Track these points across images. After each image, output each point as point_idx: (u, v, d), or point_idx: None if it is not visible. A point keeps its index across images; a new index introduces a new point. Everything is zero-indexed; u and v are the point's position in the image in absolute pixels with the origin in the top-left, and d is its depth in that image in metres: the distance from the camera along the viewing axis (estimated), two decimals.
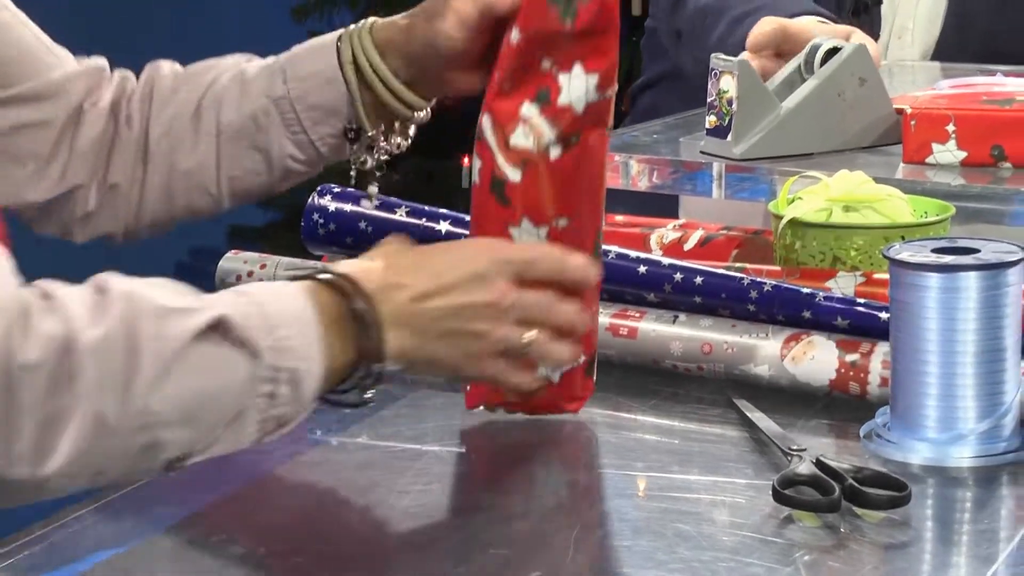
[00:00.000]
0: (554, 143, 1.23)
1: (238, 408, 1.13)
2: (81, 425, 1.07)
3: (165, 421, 1.10)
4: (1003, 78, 1.84)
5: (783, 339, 1.34)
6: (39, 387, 1.06)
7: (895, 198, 1.47)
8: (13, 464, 1.07)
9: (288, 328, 1.15)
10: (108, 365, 1.07)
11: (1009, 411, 1.22)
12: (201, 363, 1.12)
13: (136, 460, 1.11)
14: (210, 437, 1.13)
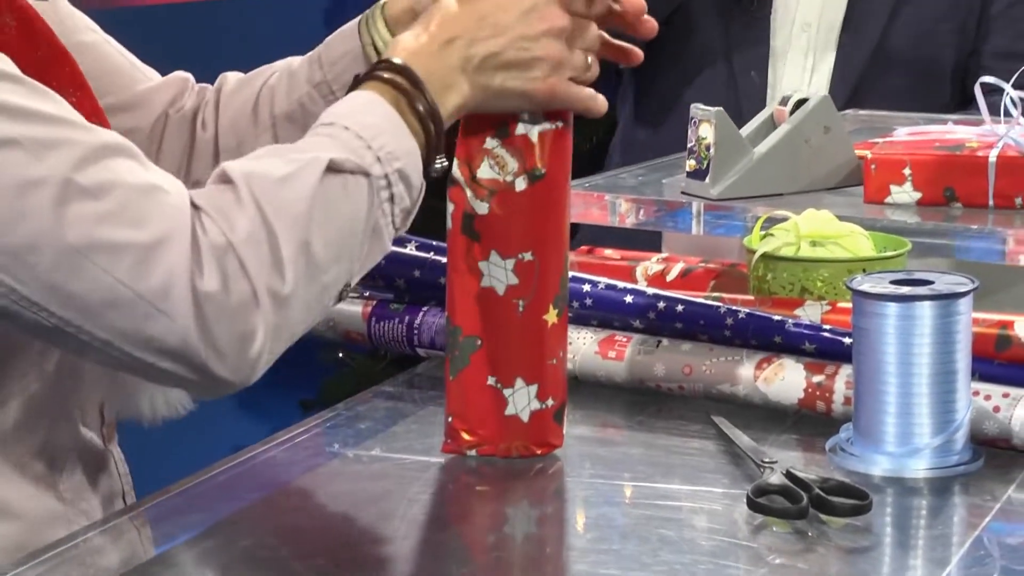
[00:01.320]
0: (519, 175, 1.22)
1: (372, 223, 1.17)
2: (264, 304, 1.10)
3: (324, 268, 1.14)
4: (953, 126, 1.84)
5: (756, 362, 1.34)
6: (220, 303, 1.08)
7: (857, 234, 1.47)
8: (225, 361, 1.10)
9: (382, 136, 1.18)
10: (260, 248, 1.10)
11: (960, 427, 1.22)
12: (329, 207, 1.14)
13: (315, 310, 1.16)
14: (361, 257, 1.17)
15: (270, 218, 1.11)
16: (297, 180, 1.14)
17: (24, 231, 1.08)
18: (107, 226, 1.08)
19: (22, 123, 1.10)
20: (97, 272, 1.08)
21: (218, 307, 1.09)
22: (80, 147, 1.10)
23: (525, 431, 1.24)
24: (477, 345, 1.23)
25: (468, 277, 1.23)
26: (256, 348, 1.10)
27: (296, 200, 1.13)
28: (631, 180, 1.83)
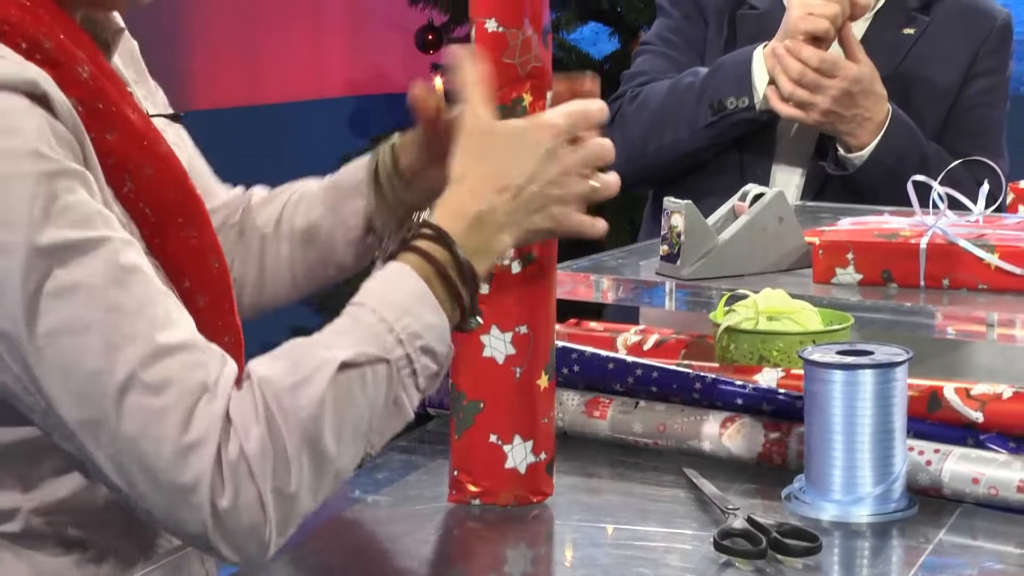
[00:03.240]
0: (514, 260, 1.21)
1: (392, 400, 1.12)
2: (269, 505, 1.06)
3: (334, 459, 1.09)
4: (889, 217, 1.84)
5: (721, 420, 1.33)
6: (232, 515, 1.06)
7: (808, 310, 1.46)
8: (237, 552, 1.08)
9: (406, 316, 1.12)
10: (266, 457, 1.06)
11: (898, 479, 1.21)
12: (340, 404, 1.09)
13: (327, 491, 1.10)
14: (380, 431, 1.12)
15: (279, 425, 1.08)
16: (307, 386, 1.09)
17: (87, 413, 1.08)
18: (158, 422, 1.06)
19: (102, 311, 1.09)
20: (145, 457, 1.07)
21: (231, 518, 1.06)
22: (150, 345, 1.08)
23: (522, 482, 1.23)
24: (480, 407, 1.22)
25: (471, 348, 1.22)
26: (265, 538, 1.07)
27: (305, 406, 1.08)
28: (612, 262, 1.83)
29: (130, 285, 1.10)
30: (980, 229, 1.70)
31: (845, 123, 2.23)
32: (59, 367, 1.07)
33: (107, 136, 1.18)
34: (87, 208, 1.11)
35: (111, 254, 1.10)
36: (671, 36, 2.46)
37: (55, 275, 1.08)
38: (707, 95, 2.28)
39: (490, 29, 1.19)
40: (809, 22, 2.20)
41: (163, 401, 1.07)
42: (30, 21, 1.16)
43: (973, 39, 2.39)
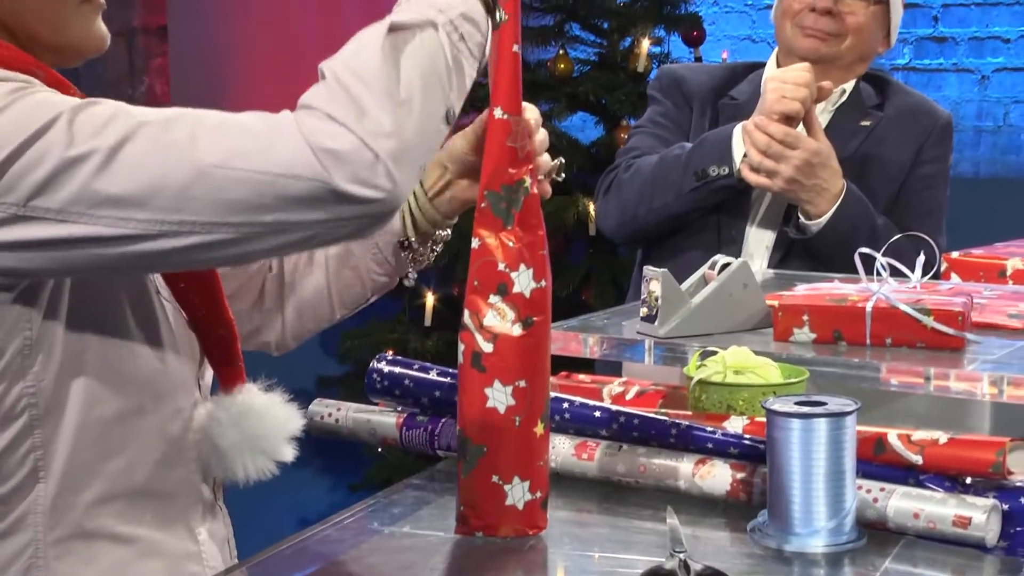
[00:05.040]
0: (516, 323, 1.21)
1: (453, 57, 1.14)
2: (371, 141, 1.07)
3: (415, 100, 1.10)
4: (839, 284, 1.85)
5: (694, 462, 1.33)
6: (335, 152, 1.07)
7: (769, 365, 1.46)
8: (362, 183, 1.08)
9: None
10: (351, 111, 1.08)
11: (849, 514, 1.21)
12: (400, 56, 1.11)
13: (427, 132, 1.12)
14: (452, 86, 1.14)
15: (352, 86, 1.09)
16: (364, 49, 1.12)
17: (177, 177, 1.08)
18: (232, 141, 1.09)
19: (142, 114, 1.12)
20: (240, 175, 1.08)
21: (340, 159, 1.07)
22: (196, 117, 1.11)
23: (520, 517, 1.23)
24: (483, 451, 1.22)
25: (476, 399, 1.22)
26: (384, 170, 1.08)
27: (368, 63, 1.10)
28: (599, 322, 1.84)
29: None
30: (918, 294, 1.70)
31: (805, 192, 2.25)
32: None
33: None
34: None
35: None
36: (661, 120, 2.49)
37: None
38: (692, 165, 2.31)
39: (497, 116, 1.20)
40: (782, 104, 2.23)
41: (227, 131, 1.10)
42: (20, 58, 1.18)
43: (919, 133, 2.42)
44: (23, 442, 1.20)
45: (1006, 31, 4.85)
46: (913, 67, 5.01)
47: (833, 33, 2.39)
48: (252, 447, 1.31)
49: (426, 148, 1.13)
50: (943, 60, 4.97)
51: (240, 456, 1.32)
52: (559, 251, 4.03)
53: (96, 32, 1.28)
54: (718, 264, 1.75)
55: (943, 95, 4.90)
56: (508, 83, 1.20)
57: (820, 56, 2.37)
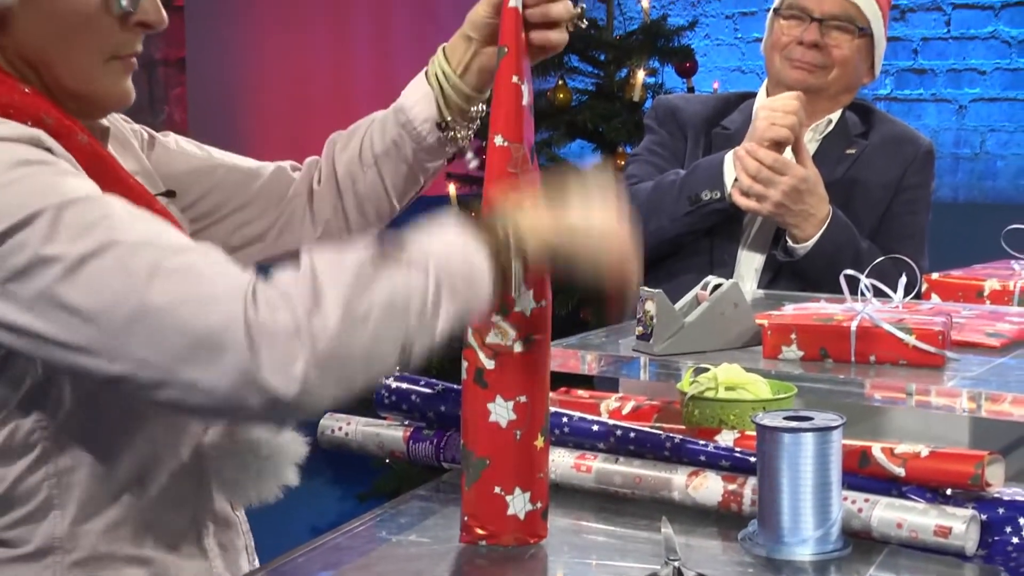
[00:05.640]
0: (517, 341, 1.21)
1: (432, 302, 1.08)
2: (304, 334, 1.03)
3: (366, 317, 1.04)
4: (825, 304, 1.85)
5: (687, 474, 1.33)
6: (266, 328, 1.02)
7: (759, 381, 1.46)
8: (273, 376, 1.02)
9: (449, 254, 1.10)
10: (303, 299, 1.04)
11: (835, 523, 1.21)
12: (382, 280, 1.06)
13: (369, 355, 1.05)
14: (417, 326, 1.07)
15: (317, 271, 1.05)
16: (350, 255, 1.07)
17: (126, 306, 1.06)
18: (189, 288, 1.06)
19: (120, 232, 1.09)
20: (177, 323, 1.05)
21: (265, 332, 1.03)
22: (165, 250, 1.08)
23: (521, 526, 1.23)
24: (486, 464, 1.22)
25: (479, 413, 1.22)
26: (299, 367, 1.02)
27: (346, 264, 1.06)
28: (597, 340, 1.83)
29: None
30: (900, 314, 1.70)
31: (793, 216, 2.26)
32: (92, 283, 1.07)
33: (106, 192, 1.18)
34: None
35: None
36: (657, 149, 2.49)
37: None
38: (686, 189, 2.31)
39: (498, 143, 1.20)
40: (772, 131, 2.23)
41: (185, 280, 1.06)
42: (31, 104, 1.18)
43: (902, 160, 2.43)
44: (37, 470, 1.20)
45: (982, 63, 4.86)
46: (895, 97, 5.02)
47: (820, 65, 2.40)
48: (259, 473, 1.31)
49: (363, 371, 1.06)
50: (923, 91, 4.98)
51: (247, 481, 1.32)
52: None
53: (121, 89, 1.26)
54: (710, 285, 1.75)
55: (923, 124, 4.90)
56: (507, 112, 1.20)
57: (808, 87, 2.37)
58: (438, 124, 1.50)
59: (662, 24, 4.41)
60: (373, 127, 1.54)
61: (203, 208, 1.51)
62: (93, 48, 1.22)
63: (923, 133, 2.56)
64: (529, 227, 1.14)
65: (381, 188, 1.54)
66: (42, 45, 1.21)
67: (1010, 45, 4.82)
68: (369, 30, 4.57)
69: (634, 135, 4.19)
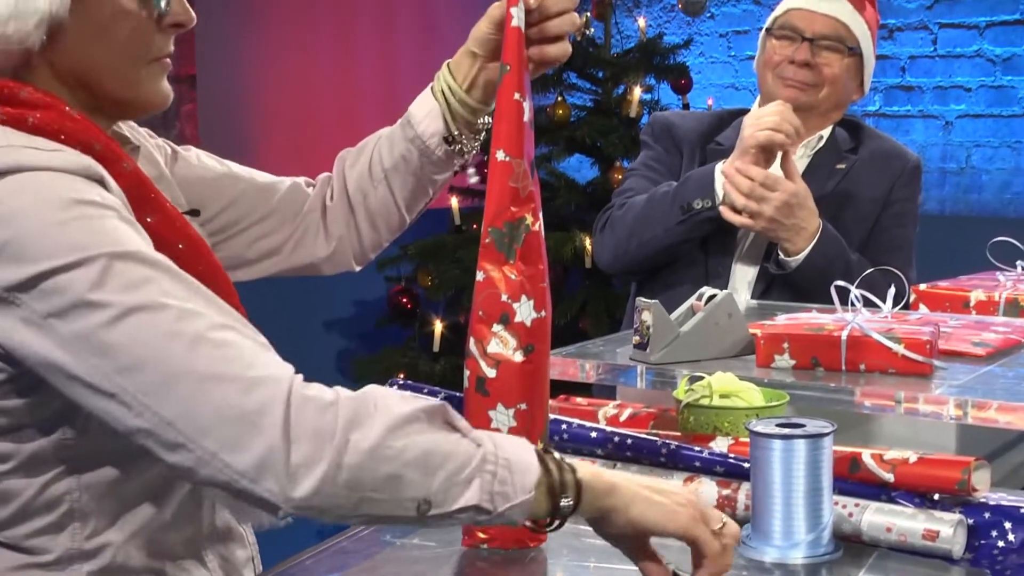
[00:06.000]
0: (517, 350, 1.20)
1: (468, 476, 1.03)
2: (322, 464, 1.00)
3: (411, 462, 1.01)
4: (816, 314, 1.85)
5: (683, 479, 1.33)
6: (301, 446, 1.00)
7: (752, 389, 1.46)
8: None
9: (504, 440, 1.07)
10: (353, 408, 1.02)
11: (826, 527, 1.21)
12: (431, 432, 1.03)
13: (388, 497, 1.01)
14: (442, 489, 1.02)
15: (378, 399, 1.03)
16: (412, 400, 1.04)
17: (166, 367, 1.04)
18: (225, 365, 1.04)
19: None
20: (213, 398, 1.03)
21: (303, 425, 1.01)
22: (212, 320, 1.07)
23: (521, 530, 1.22)
24: None
25: (480, 421, 1.21)
26: (319, 471, 1.00)
27: (405, 405, 1.03)
28: (595, 349, 1.83)
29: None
30: (889, 324, 1.70)
31: (785, 231, 2.26)
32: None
33: (148, 219, 1.19)
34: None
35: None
36: (653, 164, 2.50)
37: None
38: (678, 199, 2.31)
39: (500, 158, 1.21)
40: (754, 137, 2.24)
41: (228, 353, 1.04)
42: (82, 130, 1.18)
43: (890, 175, 2.43)
44: (59, 482, 1.20)
45: (967, 80, 4.87)
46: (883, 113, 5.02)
47: (811, 83, 2.41)
48: None
49: (372, 503, 1.02)
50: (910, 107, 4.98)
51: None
52: (558, 283, 4.03)
53: (163, 89, 1.28)
54: (705, 296, 1.76)
55: (911, 139, 4.91)
56: (509, 128, 1.20)
57: (799, 104, 2.38)
58: (445, 138, 1.50)
59: (658, 42, 4.42)
60: (381, 143, 1.55)
61: (223, 221, 1.52)
62: (137, 53, 1.24)
63: (911, 148, 2.57)
64: (592, 480, 1.08)
65: (392, 202, 1.55)
66: (92, 56, 1.22)
67: (994, 63, 4.82)
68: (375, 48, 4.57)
69: (631, 150, 4.19)
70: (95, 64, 1.22)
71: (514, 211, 1.21)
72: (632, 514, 1.08)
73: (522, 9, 1.23)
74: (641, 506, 1.07)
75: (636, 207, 2.37)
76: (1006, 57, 4.81)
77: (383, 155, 1.54)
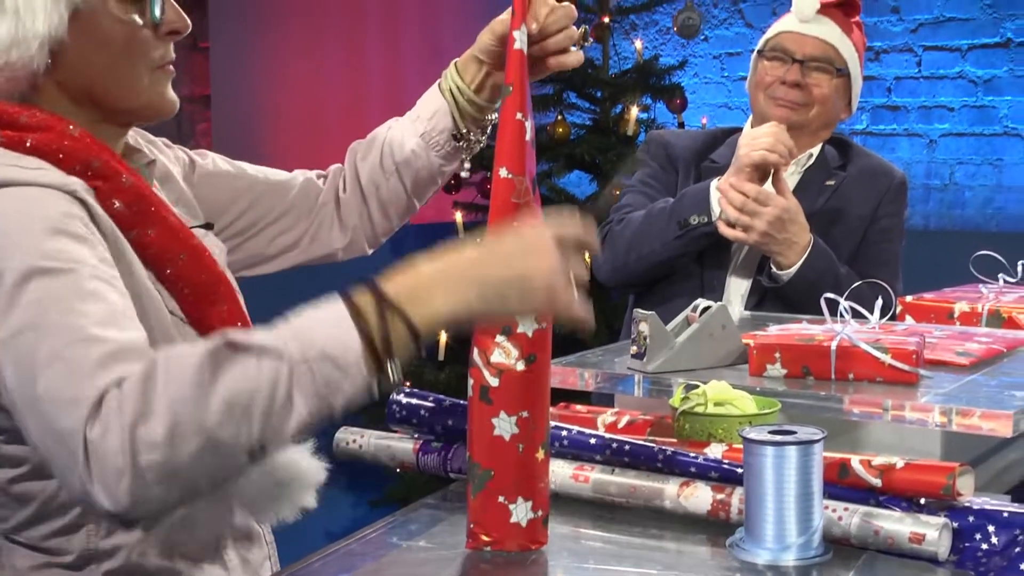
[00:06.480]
0: (519, 360, 1.20)
1: (283, 394, 0.96)
2: (128, 449, 0.94)
3: (203, 420, 0.94)
4: (807, 324, 1.84)
5: (678, 484, 1.32)
6: (97, 448, 0.95)
7: (745, 398, 1.46)
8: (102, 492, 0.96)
9: (312, 329, 0.98)
10: (135, 403, 0.95)
11: (816, 531, 1.20)
12: (224, 377, 0.95)
13: (207, 461, 0.95)
14: (266, 423, 0.95)
15: (154, 377, 0.96)
16: (193, 354, 0.97)
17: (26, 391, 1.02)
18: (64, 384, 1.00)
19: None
20: (47, 410, 1.00)
21: (96, 449, 0.96)
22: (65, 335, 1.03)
23: (523, 533, 1.22)
24: (491, 475, 1.22)
25: (484, 428, 1.21)
26: (126, 484, 0.95)
27: (184, 365, 0.96)
28: (594, 358, 1.83)
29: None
30: (876, 334, 1.70)
31: (777, 244, 2.26)
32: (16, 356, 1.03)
33: (148, 232, 1.19)
34: (74, 253, 1.07)
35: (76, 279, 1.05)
36: (650, 180, 2.50)
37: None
38: (675, 215, 2.32)
39: (502, 175, 1.20)
40: (750, 156, 2.24)
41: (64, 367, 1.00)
42: (80, 148, 1.19)
43: (877, 191, 2.43)
44: None
45: (951, 101, 4.87)
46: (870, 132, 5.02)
47: (801, 103, 2.41)
48: (278, 495, 1.30)
49: (207, 474, 0.96)
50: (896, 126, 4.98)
51: (266, 503, 1.31)
52: None
53: (169, 97, 1.29)
54: (700, 307, 1.75)
55: (896, 156, 4.91)
56: (511, 147, 1.20)
57: (790, 123, 2.38)
58: (454, 135, 1.52)
59: (654, 64, 4.43)
60: (391, 136, 1.57)
61: (243, 223, 1.53)
62: (139, 62, 1.24)
63: (896, 165, 2.57)
64: (413, 290, 1.02)
65: (403, 192, 1.58)
66: (96, 69, 1.22)
67: (976, 84, 4.82)
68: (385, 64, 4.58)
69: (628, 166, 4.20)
70: (99, 77, 1.23)
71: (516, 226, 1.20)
72: (486, 318, 1.04)
73: (524, 32, 1.23)
74: (489, 303, 1.02)
75: (634, 223, 2.37)
76: (987, 78, 4.81)
77: (394, 149, 1.56)
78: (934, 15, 4.89)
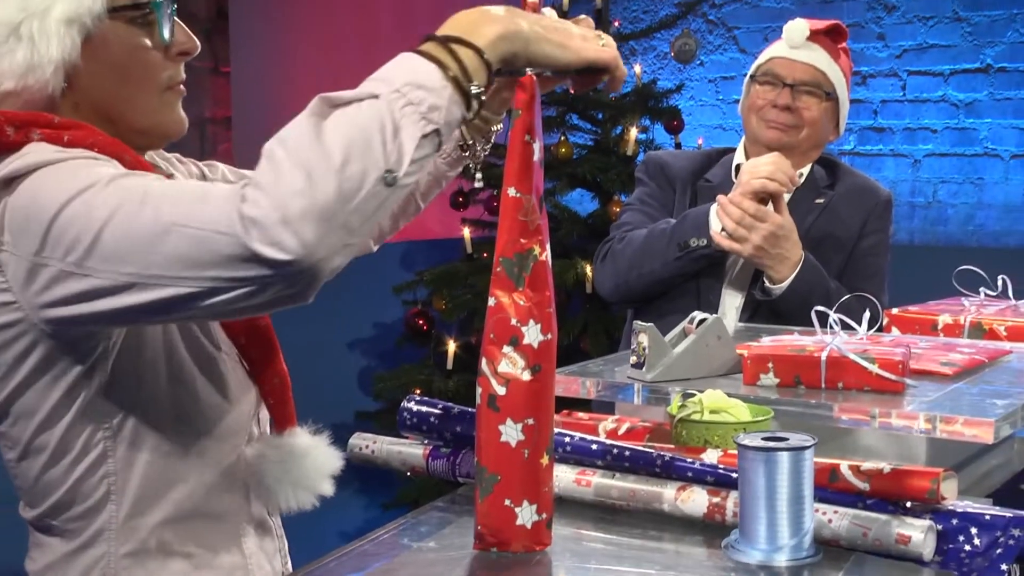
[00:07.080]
0: (525, 369, 1.20)
1: (392, 125, 1.01)
2: (283, 207, 0.98)
3: (336, 166, 0.98)
4: (798, 336, 1.84)
5: (676, 488, 1.32)
6: (255, 218, 0.98)
7: (739, 406, 1.46)
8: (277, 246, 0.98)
9: (396, 72, 1.03)
10: (273, 174, 0.99)
11: (807, 533, 1.20)
12: (333, 124, 1.00)
13: (349, 194, 0.98)
14: (387, 151, 1.00)
15: (272, 150, 1.00)
16: (296, 123, 1.02)
17: (146, 236, 1.04)
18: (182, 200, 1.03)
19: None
20: (188, 231, 1.02)
21: (252, 219, 0.99)
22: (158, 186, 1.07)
23: (528, 535, 1.22)
24: (497, 479, 1.21)
25: (491, 434, 1.21)
26: (287, 232, 0.97)
27: (293, 130, 1.00)
28: (595, 368, 1.83)
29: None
30: (864, 345, 1.70)
31: (770, 259, 2.26)
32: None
33: None
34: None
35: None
36: (648, 199, 2.50)
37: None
38: (675, 237, 2.31)
39: (511, 194, 1.20)
40: (751, 184, 2.24)
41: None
42: (111, 143, 1.19)
43: (864, 209, 2.43)
44: (98, 469, 1.20)
45: (934, 123, 4.87)
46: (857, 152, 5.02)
47: (792, 125, 2.41)
48: (295, 483, 1.30)
49: (357, 209, 1.00)
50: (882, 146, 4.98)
51: (284, 490, 1.31)
52: (561, 307, 4.03)
53: (178, 116, 1.29)
54: (696, 319, 1.75)
55: (882, 176, 4.91)
56: (520, 167, 1.20)
57: (782, 144, 2.38)
58: (460, 144, 1.52)
59: (652, 87, 4.43)
60: None
61: None
62: (150, 84, 1.24)
63: (882, 184, 2.57)
64: (464, 26, 1.07)
65: (410, 196, 1.59)
66: (109, 91, 1.22)
67: (958, 107, 4.82)
68: None
69: (628, 185, 4.20)
70: (112, 99, 1.23)
71: (523, 243, 1.20)
72: (531, 52, 1.10)
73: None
74: (540, 44, 1.10)
75: (636, 242, 2.37)
76: (968, 102, 4.81)
77: None
78: (918, 42, 4.89)
